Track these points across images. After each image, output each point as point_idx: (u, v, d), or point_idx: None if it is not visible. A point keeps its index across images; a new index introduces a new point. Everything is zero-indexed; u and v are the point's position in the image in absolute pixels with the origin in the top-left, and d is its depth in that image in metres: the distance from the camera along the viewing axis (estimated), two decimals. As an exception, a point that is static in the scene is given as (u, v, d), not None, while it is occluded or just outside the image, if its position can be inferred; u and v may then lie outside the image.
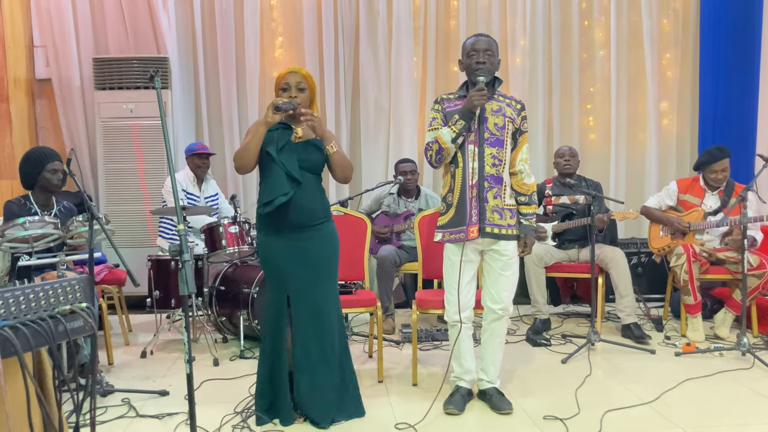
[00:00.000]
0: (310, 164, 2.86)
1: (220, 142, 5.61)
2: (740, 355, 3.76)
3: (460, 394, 3.07)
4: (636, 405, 3.05)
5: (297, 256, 2.84)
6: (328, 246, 2.92)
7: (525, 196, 3.02)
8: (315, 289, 2.86)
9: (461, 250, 2.93)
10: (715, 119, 5.56)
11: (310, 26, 5.57)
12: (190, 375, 2.14)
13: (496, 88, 3.02)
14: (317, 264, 2.87)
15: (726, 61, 5.53)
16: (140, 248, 5.10)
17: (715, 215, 4.36)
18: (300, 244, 2.84)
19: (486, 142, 2.91)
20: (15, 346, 1.28)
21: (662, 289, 5.02)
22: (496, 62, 2.98)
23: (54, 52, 5.40)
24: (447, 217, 3.00)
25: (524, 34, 5.71)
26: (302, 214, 2.83)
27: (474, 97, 2.83)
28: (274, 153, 2.81)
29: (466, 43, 2.99)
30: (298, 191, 2.81)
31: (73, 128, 5.45)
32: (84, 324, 1.51)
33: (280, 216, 2.81)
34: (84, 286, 1.56)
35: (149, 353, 4.07)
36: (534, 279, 4.41)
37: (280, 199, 2.77)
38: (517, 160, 3.01)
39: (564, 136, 5.83)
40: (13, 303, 1.36)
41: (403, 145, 5.62)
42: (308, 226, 2.85)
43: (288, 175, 2.79)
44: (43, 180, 3.59)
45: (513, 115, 2.98)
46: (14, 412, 1.34)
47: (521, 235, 3.01)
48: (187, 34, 5.56)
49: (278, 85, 2.90)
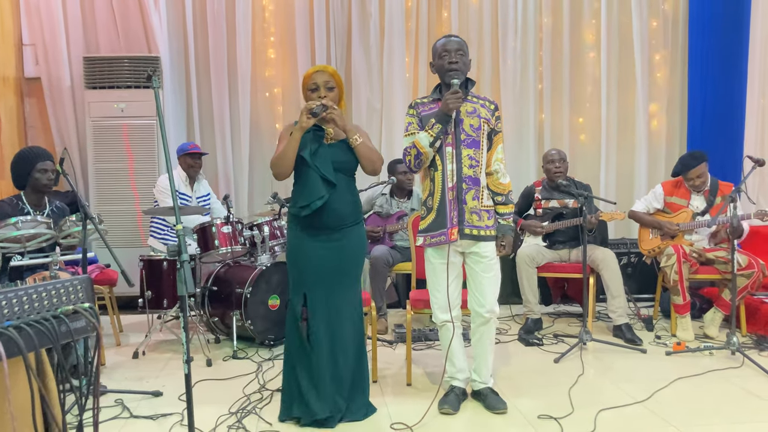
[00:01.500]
0: (344, 165, 2.87)
1: (211, 142, 5.59)
2: (730, 354, 3.80)
3: (454, 393, 3.08)
4: (629, 404, 3.08)
5: (326, 257, 2.86)
6: (357, 249, 2.95)
7: (502, 196, 3.04)
8: (336, 290, 2.88)
9: (443, 253, 2.95)
10: (703, 119, 5.62)
11: (302, 27, 5.56)
12: (188, 375, 2.13)
13: (470, 89, 3.03)
14: (344, 266, 2.90)
15: (714, 62, 5.58)
16: (130, 248, 5.07)
17: (703, 215, 4.41)
18: (330, 245, 2.86)
19: (462, 144, 2.93)
20: (19, 347, 1.28)
21: (651, 289, 5.06)
22: (468, 62, 3.00)
23: (43, 51, 5.35)
24: (428, 221, 3.02)
25: (515, 36, 5.74)
26: (335, 217, 2.85)
27: (449, 99, 2.84)
28: (308, 157, 2.81)
29: (437, 44, 3.00)
30: (333, 194, 2.82)
31: (63, 128, 5.41)
32: (86, 324, 1.51)
33: (313, 218, 2.83)
34: (86, 286, 1.56)
35: (141, 354, 4.05)
36: (526, 279, 4.43)
37: (317, 204, 2.79)
38: (493, 160, 3.03)
39: (554, 137, 5.87)
40: (17, 303, 1.36)
41: (395, 146, 5.63)
42: (340, 228, 2.87)
43: (323, 178, 2.80)
44: (33, 180, 3.56)
45: (488, 115, 2.99)
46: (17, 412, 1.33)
47: (498, 235, 3.03)
48: (179, 33, 5.53)
49: (306, 86, 2.89)
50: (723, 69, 5.56)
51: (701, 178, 4.39)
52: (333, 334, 2.87)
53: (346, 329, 2.89)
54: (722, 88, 5.58)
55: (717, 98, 5.60)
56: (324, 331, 2.86)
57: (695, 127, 5.71)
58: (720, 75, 5.58)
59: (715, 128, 5.58)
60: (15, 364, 1.35)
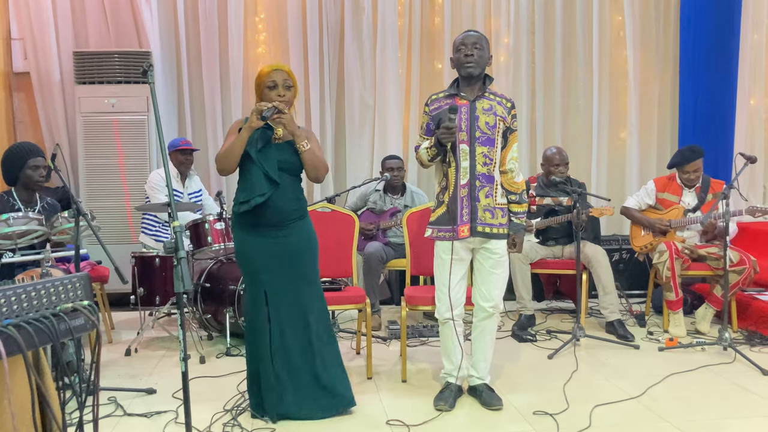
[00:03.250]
0: (289, 165, 2.87)
1: (203, 138, 5.55)
2: (722, 350, 3.82)
3: (450, 390, 3.08)
4: (623, 400, 3.09)
5: (273, 253, 2.86)
6: (305, 241, 2.93)
7: (515, 195, 3.04)
8: (292, 284, 2.88)
9: (451, 248, 2.94)
10: (695, 117, 5.64)
11: (295, 22, 5.52)
12: (185, 373, 2.12)
13: (487, 86, 3.02)
14: (294, 260, 2.89)
15: (705, 59, 5.60)
16: (120, 245, 5.02)
17: (694, 212, 4.44)
18: (276, 240, 2.86)
19: (477, 141, 2.92)
20: (19, 345, 1.26)
21: (642, 286, 5.08)
22: (486, 57, 2.98)
23: (32, 45, 5.29)
24: (437, 213, 3.02)
25: (508, 32, 5.74)
26: (277, 214, 2.85)
27: (442, 135, 2.84)
28: (253, 153, 2.80)
29: (456, 39, 3.00)
30: (275, 192, 2.82)
31: (52, 123, 5.35)
32: (85, 322, 1.49)
33: (256, 215, 2.83)
34: (84, 283, 1.54)
35: (134, 351, 4.02)
36: (519, 275, 4.44)
37: (257, 200, 2.79)
38: (507, 159, 3.02)
39: (547, 134, 5.88)
40: (15, 301, 1.34)
41: (388, 142, 5.61)
42: (283, 225, 2.87)
43: (266, 175, 2.80)
44: (24, 177, 3.52)
45: (504, 113, 2.98)
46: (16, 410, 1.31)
47: (510, 233, 3.03)
48: (170, 28, 5.48)
49: (263, 83, 2.85)
50: (714, 66, 5.58)
51: (697, 172, 4.42)
52: (298, 329, 2.87)
53: (305, 324, 2.88)
54: (713, 86, 5.59)
55: (708, 96, 5.62)
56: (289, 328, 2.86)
57: (686, 124, 5.73)
58: (711, 72, 5.59)
59: (706, 126, 5.60)
60: (13, 363, 1.33)
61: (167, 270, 4.17)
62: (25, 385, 1.36)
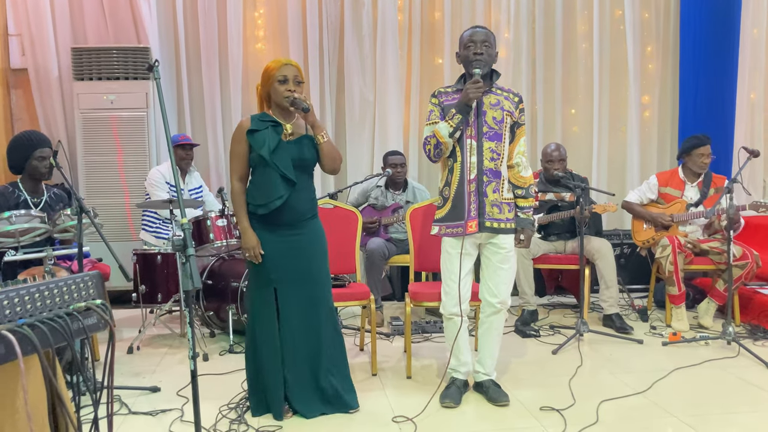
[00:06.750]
0: (302, 162, 2.84)
1: (202, 134, 5.52)
2: (725, 344, 3.83)
3: (456, 386, 3.07)
4: (629, 395, 3.09)
5: (286, 251, 2.84)
6: (317, 241, 2.92)
7: (522, 189, 3.03)
8: (303, 284, 2.86)
9: (460, 244, 2.93)
10: (695, 111, 5.64)
11: (294, 17, 5.49)
12: (194, 372, 2.11)
13: (494, 81, 3.01)
14: (306, 258, 2.87)
15: (705, 53, 5.60)
16: (120, 242, 4.99)
17: (697, 206, 4.44)
18: (289, 239, 2.84)
19: (484, 136, 2.91)
20: (34, 345, 1.24)
21: (644, 280, 5.09)
22: (494, 54, 2.97)
23: (30, 41, 5.24)
24: (444, 210, 2.99)
25: (508, 27, 5.72)
26: (293, 214, 2.83)
27: (470, 89, 2.81)
28: (267, 156, 2.77)
29: (464, 35, 2.98)
30: (292, 192, 2.80)
31: (50, 119, 5.31)
32: (98, 321, 1.47)
33: (271, 215, 2.81)
34: (96, 282, 1.52)
35: (136, 349, 4.00)
36: (522, 270, 4.43)
37: (276, 203, 2.77)
38: (515, 153, 3.01)
39: (547, 128, 5.88)
40: (29, 300, 1.32)
41: (388, 138, 5.60)
42: (297, 224, 2.86)
43: (283, 176, 2.77)
44: (30, 167, 3.49)
45: (511, 108, 2.97)
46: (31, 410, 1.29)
47: (518, 228, 3.02)
48: (169, 23, 5.44)
49: (273, 77, 2.81)
50: (714, 61, 5.59)
51: (709, 157, 4.41)
52: (308, 327, 2.86)
53: (315, 321, 2.88)
54: (713, 80, 5.60)
55: (708, 90, 5.63)
56: (297, 326, 2.85)
57: (687, 118, 5.73)
58: (711, 67, 5.60)
59: (707, 120, 5.60)
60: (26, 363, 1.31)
61: (169, 267, 4.15)
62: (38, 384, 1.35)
